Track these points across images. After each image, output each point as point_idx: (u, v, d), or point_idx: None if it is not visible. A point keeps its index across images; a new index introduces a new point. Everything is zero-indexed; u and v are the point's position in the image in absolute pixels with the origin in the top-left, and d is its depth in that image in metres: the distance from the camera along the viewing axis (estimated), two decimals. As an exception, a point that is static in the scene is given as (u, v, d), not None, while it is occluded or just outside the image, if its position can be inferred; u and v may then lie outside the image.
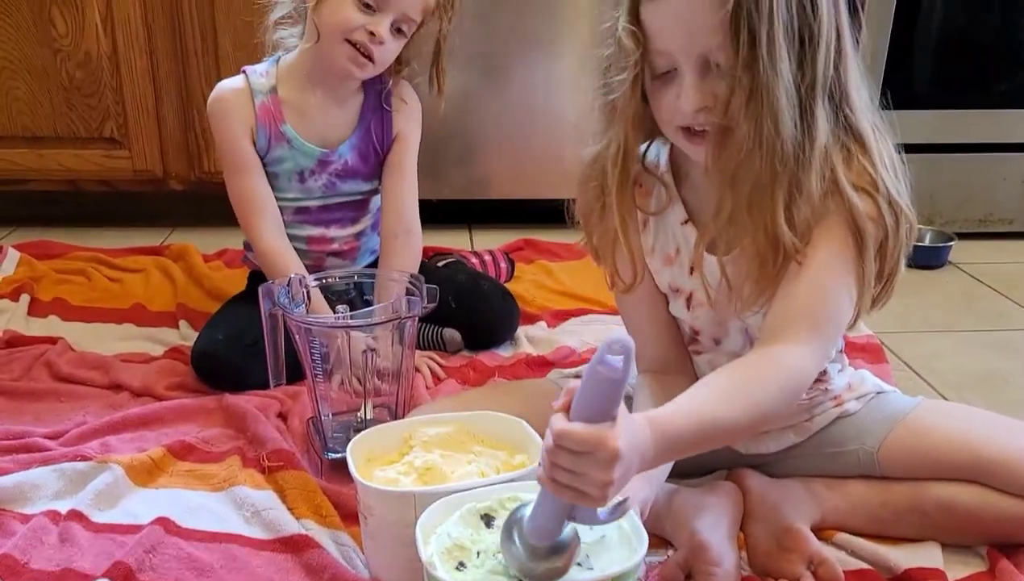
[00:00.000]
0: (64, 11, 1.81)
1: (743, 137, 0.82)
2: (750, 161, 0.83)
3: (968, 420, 1.00)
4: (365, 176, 1.39)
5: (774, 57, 0.79)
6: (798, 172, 0.84)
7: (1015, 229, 2.09)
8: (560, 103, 1.94)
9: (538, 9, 1.88)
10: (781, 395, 0.83)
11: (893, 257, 0.89)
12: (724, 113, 0.83)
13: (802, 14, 0.81)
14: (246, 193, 1.34)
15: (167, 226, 2.04)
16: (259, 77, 1.33)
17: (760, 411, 0.81)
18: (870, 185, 0.87)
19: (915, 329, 1.62)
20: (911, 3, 1.92)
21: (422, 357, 1.37)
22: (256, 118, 1.32)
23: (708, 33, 0.80)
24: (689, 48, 0.82)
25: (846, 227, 0.86)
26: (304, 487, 1.04)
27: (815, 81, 0.82)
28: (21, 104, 1.88)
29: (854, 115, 0.87)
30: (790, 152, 0.82)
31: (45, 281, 1.68)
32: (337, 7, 1.23)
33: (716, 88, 0.83)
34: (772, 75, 0.79)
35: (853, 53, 0.87)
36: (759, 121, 0.81)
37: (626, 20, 0.85)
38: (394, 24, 1.25)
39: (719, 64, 0.82)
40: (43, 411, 1.25)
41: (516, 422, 0.98)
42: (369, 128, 1.36)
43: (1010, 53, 2.00)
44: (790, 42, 0.80)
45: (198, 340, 1.34)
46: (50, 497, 1.05)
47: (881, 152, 0.88)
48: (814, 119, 0.83)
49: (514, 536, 0.73)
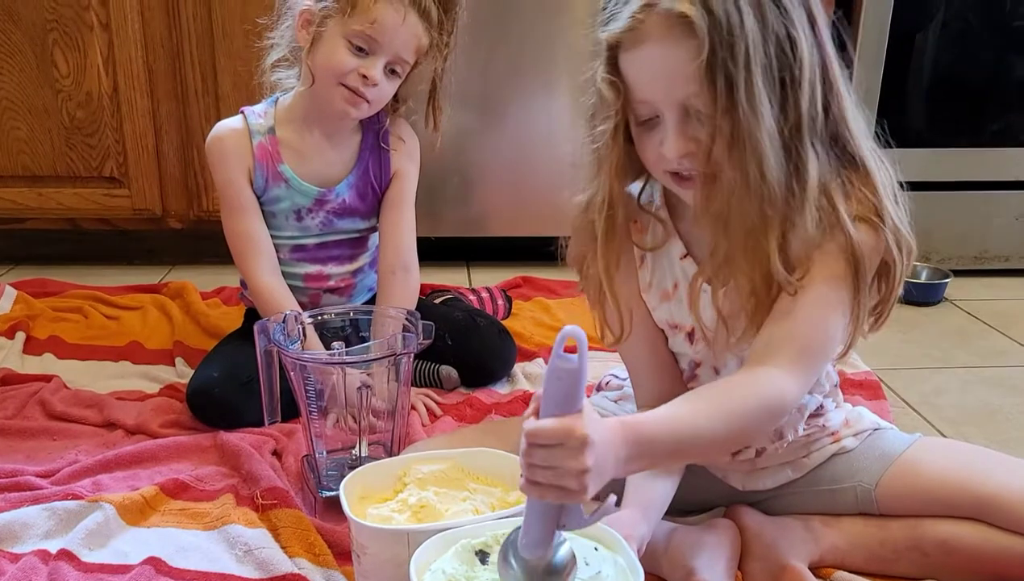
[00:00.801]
0: (67, 52, 1.84)
1: (730, 182, 0.82)
2: (739, 206, 0.83)
3: (966, 457, 0.99)
4: (363, 214, 1.39)
5: (753, 102, 0.79)
6: (790, 213, 0.84)
7: (1011, 266, 2.10)
8: (557, 141, 1.95)
9: (535, 49, 1.91)
10: (760, 414, 0.83)
11: (893, 281, 0.90)
12: (707, 160, 0.83)
13: (781, 56, 0.80)
14: (241, 232, 1.34)
15: (166, 264, 2.04)
16: (257, 118, 1.35)
17: (738, 425, 0.81)
18: (873, 214, 0.86)
19: (913, 366, 1.62)
20: (903, 43, 1.94)
21: (418, 394, 1.37)
22: (254, 158, 1.33)
23: (685, 82, 0.80)
24: (668, 96, 0.82)
25: (844, 260, 0.86)
26: (298, 525, 1.03)
27: (800, 121, 0.82)
28: (21, 144, 1.89)
29: (853, 143, 0.87)
30: (779, 194, 0.82)
31: (41, 319, 1.67)
32: (330, 51, 1.24)
33: (699, 134, 0.83)
34: (753, 120, 0.79)
35: (844, 83, 0.86)
36: (743, 167, 0.81)
37: (604, 71, 0.85)
38: (387, 66, 1.25)
39: (699, 111, 0.82)
40: (35, 449, 1.24)
41: (511, 459, 0.97)
42: (367, 167, 1.37)
43: (1001, 93, 2.02)
44: (770, 86, 0.80)
45: (194, 378, 1.33)
46: (40, 536, 1.03)
47: (883, 179, 0.88)
48: (803, 159, 0.83)
49: (510, 559, 0.73)
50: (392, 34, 1.23)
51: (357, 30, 1.22)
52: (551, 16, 1.89)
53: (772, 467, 1.03)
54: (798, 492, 1.03)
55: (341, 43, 1.23)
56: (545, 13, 1.89)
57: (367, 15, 1.21)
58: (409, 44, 1.25)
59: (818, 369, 0.91)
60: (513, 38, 1.90)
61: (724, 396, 0.83)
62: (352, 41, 1.23)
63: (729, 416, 0.81)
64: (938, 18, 1.95)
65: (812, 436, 1.03)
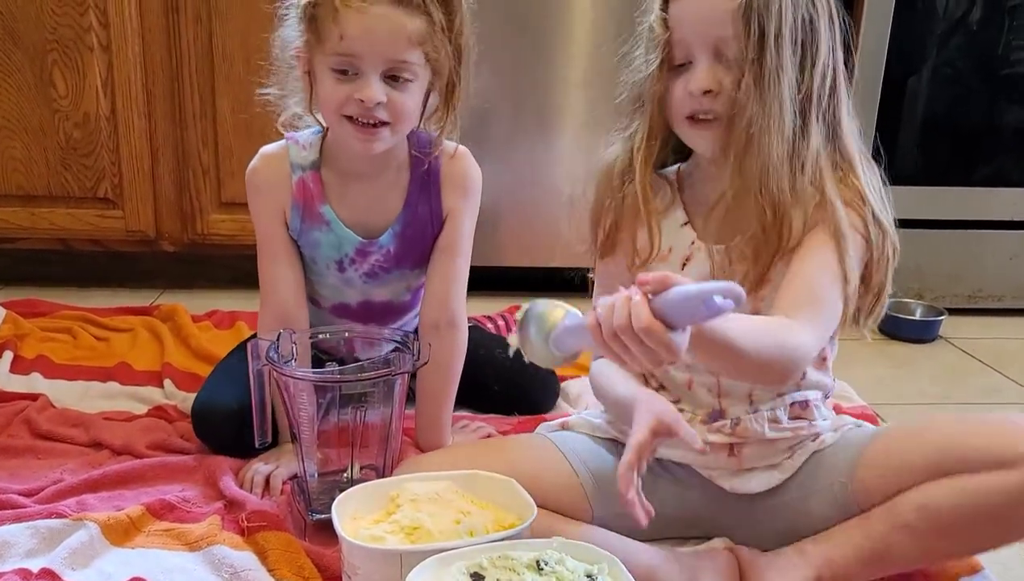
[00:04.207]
0: (66, 73, 1.83)
1: (751, 118, 0.90)
2: (758, 143, 0.91)
3: (924, 423, 1.01)
4: (413, 264, 1.24)
5: (780, 51, 0.89)
6: (795, 163, 0.92)
7: (1004, 306, 2.10)
8: (555, 178, 1.96)
9: (537, 81, 1.92)
10: (783, 355, 0.86)
11: (881, 270, 0.96)
12: (729, 103, 0.92)
13: (806, 31, 0.92)
14: (263, 274, 1.23)
15: (157, 287, 2.03)
16: (301, 150, 1.20)
17: (766, 356, 0.84)
18: (858, 199, 0.95)
19: (908, 401, 1.61)
20: (897, 86, 1.97)
21: (478, 423, 1.34)
22: (292, 196, 1.19)
23: (721, 23, 0.90)
24: (704, 36, 0.93)
25: (831, 234, 0.93)
26: (287, 548, 1.01)
27: (811, 93, 0.92)
28: (16, 163, 1.88)
29: (843, 141, 0.97)
30: (791, 138, 0.91)
31: (30, 339, 1.65)
32: (321, 87, 1.11)
33: (724, 78, 0.92)
34: (778, 64, 0.89)
35: (846, 89, 0.97)
36: (766, 103, 0.90)
37: (659, 8, 0.96)
38: (385, 75, 1.09)
39: (729, 57, 0.91)
40: (20, 468, 1.21)
41: (507, 481, 0.96)
42: (415, 210, 1.20)
43: (992, 135, 2.04)
44: (793, 46, 0.91)
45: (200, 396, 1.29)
46: (22, 555, 1.01)
47: (869, 179, 0.96)
48: (808, 126, 0.93)
49: (530, 332, 0.78)
50: (365, 39, 1.06)
51: (333, 54, 1.07)
52: (553, 45, 1.91)
53: (759, 469, 1.02)
54: (784, 495, 1.02)
55: (328, 75, 1.09)
56: (548, 40, 1.91)
57: (333, 33, 1.06)
58: (394, 39, 1.06)
59: (826, 326, 0.93)
60: (515, 70, 1.91)
61: (767, 324, 0.88)
62: (334, 69, 1.08)
63: (765, 341, 0.84)
64: (930, 63, 1.98)
65: (798, 434, 1.02)
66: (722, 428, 1.02)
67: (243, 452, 1.22)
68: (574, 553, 0.83)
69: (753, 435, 1.01)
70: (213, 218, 1.92)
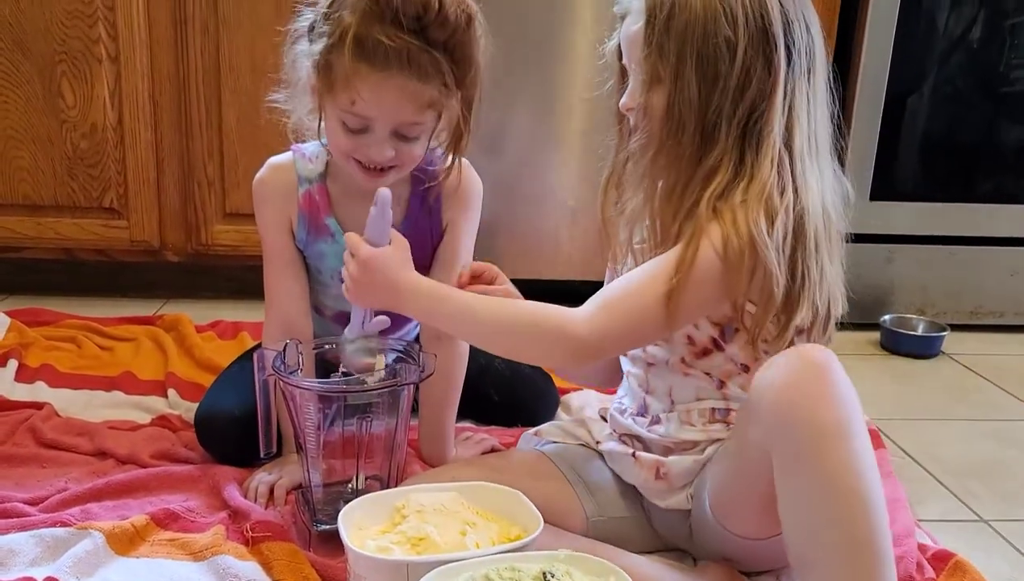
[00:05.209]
0: (74, 83, 1.85)
1: (648, 134, 0.96)
2: (651, 158, 0.96)
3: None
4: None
5: (680, 72, 0.92)
6: (680, 180, 0.95)
7: (1006, 322, 2.10)
8: (555, 189, 1.97)
9: (540, 93, 1.93)
10: (533, 325, 0.95)
11: (766, 291, 0.91)
12: (642, 115, 0.97)
13: (715, 50, 0.91)
14: (268, 284, 1.24)
15: (161, 297, 2.03)
16: (307, 163, 1.20)
17: (508, 322, 0.96)
18: (729, 216, 0.91)
19: (912, 417, 1.61)
20: (898, 103, 1.98)
21: (482, 435, 1.34)
22: (298, 207, 1.19)
23: (635, 43, 0.96)
24: (628, 56, 0.99)
25: (684, 245, 0.92)
26: (292, 558, 1.01)
27: (721, 115, 0.92)
28: (23, 173, 1.89)
29: (761, 165, 0.92)
30: (685, 155, 0.94)
31: (34, 347, 1.65)
32: (330, 130, 1.11)
33: (641, 96, 0.96)
34: (674, 84, 0.92)
35: (804, 114, 0.95)
36: (656, 120, 0.95)
37: (615, 43, 1.03)
38: (394, 134, 1.09)
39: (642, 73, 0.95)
40: (25, 476, 1.21)
41: (513, 494, 0.96)
42: (415, 222, 1.21)
43: (992, 152, 2.05)
44: (699, 66, 0.91)
45: (203, 403, 1.30)
46: (27, 563, 1.00)
47: (774, 200, 0.92)
48: (708, 145, 0.93)
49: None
50: (378, 107, 1.05)
51: (344, 110, 1.07)
52: (556, 55, 1.92)
53: (689, 486, 1.01)
54: (695, 520, 1.02)
55: (338, 124, 1.09)
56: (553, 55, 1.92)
57: (347, 94, 1.05)
58: (406, 108, 1.06)
59: (617, 322, 0.94)
60: (515, 81, 1.92)
61: (525, 304, 1.00)
62: (344, 122, 1.08)
63: (504, 311, 0.98)
64: (931, 81, 2.00)
65: (710, 437, 1.01)
66: (644, 424, 1.05)
67: (246, 460, 1.23)
68: (581, 566, 0.83)
69: (667, 433, 1.02)
70: (217, 229, 1.93)
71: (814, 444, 0.81)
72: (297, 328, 1.21)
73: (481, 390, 1.35)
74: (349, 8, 1.04)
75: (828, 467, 0.80)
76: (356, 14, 1.03)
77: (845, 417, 0.82)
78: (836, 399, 0.82)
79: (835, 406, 0.82)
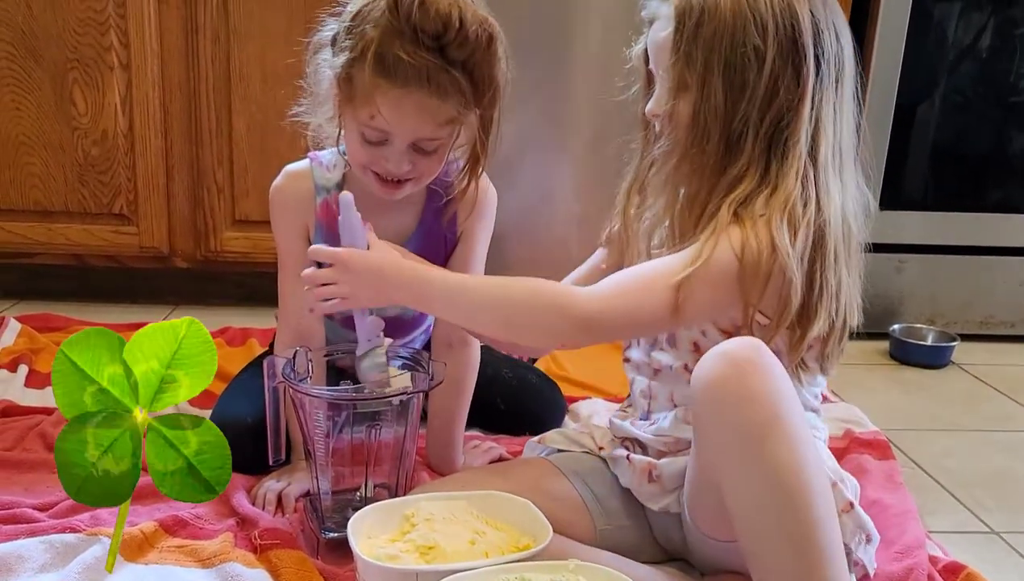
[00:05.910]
0: (86, 91, 1.86)
1: (675, 139, 0.96)
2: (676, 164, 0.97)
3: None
4: None
5: (708, 80, 0.91)
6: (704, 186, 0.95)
7: (1016, 332, 2.09)
8: (566, 196, 1.98)
9: (549, 106, 1.93)
10: (536, 299, 0.94)
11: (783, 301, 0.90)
12: (668, 120, 0.97)
13: (743, 59, 0.91)
14: (282, 292, 1.24)
15: (170, 304, 2.04)
16: (325, 171, 1.20)
17: (507, 298, 0.95)
18: (750, 222, 0.91)
19: (922, 427, 1.61)
20: (908, 113, 1.98)
21: (489, 443, 1.34)
22: (316, 216, 1.20)
23: (663, 50, 0.95)
24: (656, 62, 0.99)
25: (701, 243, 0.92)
26: (300, 566, 1.01)
27: (748, 123, 0.92)
28: (35, 179, 1.90)
29: (783, 168, 0.92)
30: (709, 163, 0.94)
31: (44, 353, 1.66)
32: (349, 140, 1.13)
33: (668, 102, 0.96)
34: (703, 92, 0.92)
35: (831, 124, 0.94)
36: (682, 126, 0.95)
37: (641, 47, 1.03)
38: (412, 147, 1.09)
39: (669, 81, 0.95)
40: (34, 482, 1.21)
41: (522, 503, 0.96)
42: (429, 230, 1.21)
43: (1002, 162, 2.05)
44: (726, 75, 0.91)
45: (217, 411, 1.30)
46: (36, 569, 1.01)
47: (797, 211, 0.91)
48: (734, 153, 0.93)
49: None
50: (398, 122, 1.06)
51: (364, 122, 1.08)
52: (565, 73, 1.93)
53: (680, 489, 1.01)
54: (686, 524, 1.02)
55: (356, 135, 1.10)
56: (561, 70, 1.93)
57: (367, 109, 1.06)
58: (424, 124, 1.07)
59: (623, 299, 0.93)
60: (526, 86, 1.91)
61: (526, 280, 0.96)
62: (363, 134, 1.09)
63: (499, 284, 0.96)
64: (941, 90, 2.00)
65: None
66: (644, 427, 1.05)
67: (256, 468, 1.23)
68: (590, 576, 0.83)
69: (665, 430, 1.02)
70: (226, 236, 1.94)
71: (744, 444, 0.81)
72: (310, 334, 1.22)
73: (488, 399, 1.34)
74: (372, 23, 1.04)
75: (762, 466, 0.80)
76: (378, 29, 1.03)
77: (772, 414, 0.80)
78: (763, 396, 0.81)
79: (762, 404, 0.80)
